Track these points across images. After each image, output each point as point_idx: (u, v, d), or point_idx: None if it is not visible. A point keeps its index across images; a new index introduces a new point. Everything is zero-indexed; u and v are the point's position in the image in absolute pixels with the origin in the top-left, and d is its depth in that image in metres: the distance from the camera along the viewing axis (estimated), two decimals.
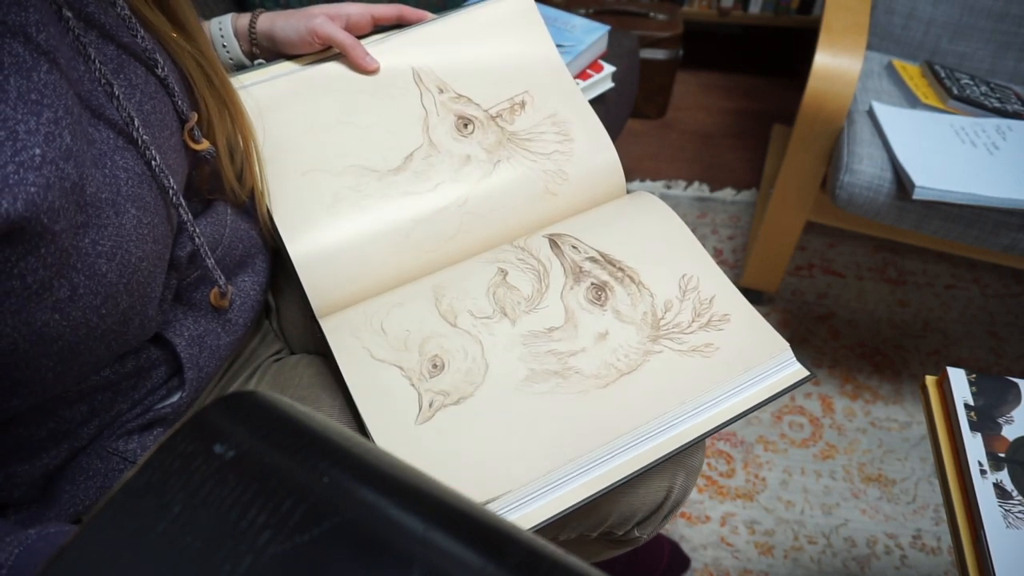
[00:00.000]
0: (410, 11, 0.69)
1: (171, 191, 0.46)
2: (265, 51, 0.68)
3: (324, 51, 0.68)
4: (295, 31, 0.65)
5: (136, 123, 0.44)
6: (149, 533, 0.19)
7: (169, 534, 0.19)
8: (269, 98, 0.65)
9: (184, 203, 0.48)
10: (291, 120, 0.64)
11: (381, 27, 0.70)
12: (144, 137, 0.44)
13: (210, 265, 0.52)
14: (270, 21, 0.67)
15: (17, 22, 0.37)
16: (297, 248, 0.59)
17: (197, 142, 0.52)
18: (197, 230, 0.50)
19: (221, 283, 0.54)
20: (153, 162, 0.45)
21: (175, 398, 0.55)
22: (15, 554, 0.38)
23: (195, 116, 0.52)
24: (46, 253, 0.37)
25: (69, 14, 0.40)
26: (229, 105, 0.55)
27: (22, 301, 0.37)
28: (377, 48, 0.68)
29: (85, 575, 0.18)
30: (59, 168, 0.37)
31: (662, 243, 0.63)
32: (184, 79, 0.52)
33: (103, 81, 0.42)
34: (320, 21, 0.65)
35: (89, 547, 0.19)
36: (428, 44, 0.70)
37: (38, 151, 0.36)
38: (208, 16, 0.69)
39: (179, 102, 0.50)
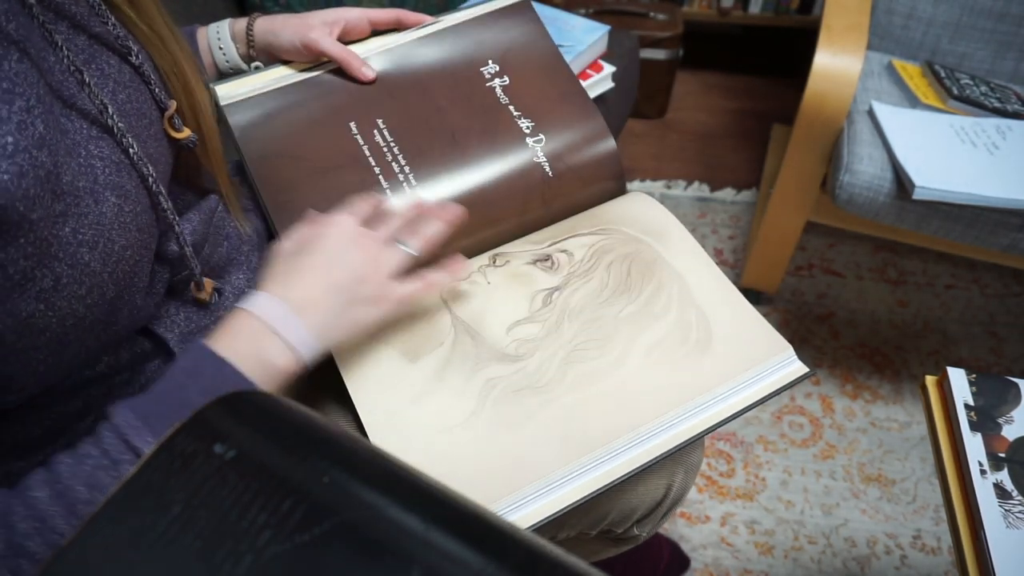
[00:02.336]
0: (408, 15, 0.69)
1: (151, 179, 0.46)
2: (261, 54, 0.68)
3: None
4: (289, 41, 0.65)
5: (110, 111, 0.44)
6: (149, 533, 0.19)
7: (169, 534, 0.19)
8: (267, 103, 0.65)
9: (164, 191, 0.48)
10: (290, 122, 0.65)
11: (379, 31, 0.70)
12: (120, 125, 0.44)
13: (188, 253, 0.52)
14: (267, 26, 0.67)
15: None
16: None
17: (178, 130, 0.52)
18: (177, 218, 0.50)
19: (196, 272, 0.53)
20: (131, 150, 0.45)
21: None
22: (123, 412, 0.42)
23: (174, 104, 0.51)
24: (26, 243, 0.37)
25: (32, 1, 0.40)
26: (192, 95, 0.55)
27: (5, 292, 0.37)
28: (377, 58, 0.68)
29: (85, 574, 0.18)
30: (32, 156, 0.37)
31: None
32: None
33: (73, 69, 0.42)
34: (314, 36, 0.64)
35: (89, 547, 0.19)
36: (429, 46, 0.70)
37: (10, 139, 0.36)
38: (210, 19, 0.69)
39: (156, 90, 0.50)
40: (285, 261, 0.51)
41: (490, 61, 0.70)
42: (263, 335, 0.46)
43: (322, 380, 0.62)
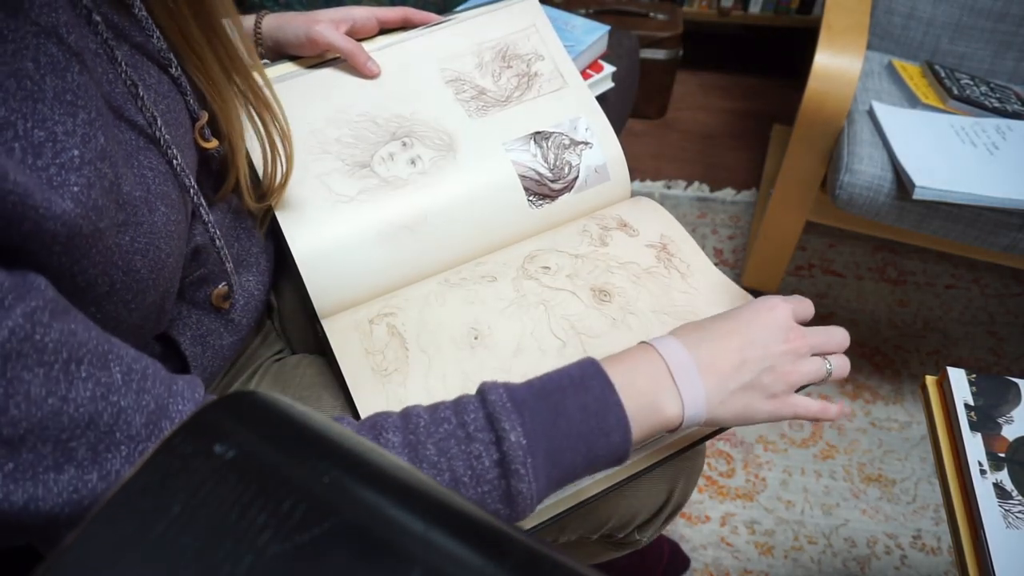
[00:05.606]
0: (415, 13, 0.70)
1: (192, 189, 0.47)
2: (269, 51, 0.69)
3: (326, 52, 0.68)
4: (294, 34, 0.66)
5: (159, 123, 0.44)
6: (149, 533, 0.19)
7: (169, 534, 0.19)
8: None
9: (204, 202, 0.48)
10: (295, 120, 0.64)
11: (386, 29, 0.70)
12: (166, 136, 0.45)
13: (229, 269, 0.53)
14: (275, 22, 0.67)
15: (49, 23, 0.38)
16: (300, 247, 0.59)
17: (207, 140, 0.52)
18: (219, 232, 0.50)
19: (233, 282, 0.54)
20: (175, 161, 0.45)
21: None
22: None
23: (205, 115, 0.52)
24: (95, 253, 0.38)
25: (98, 18, 0.41)
26: (254, 102, 0.54)
27: (66, 297, 0.37)
28: (383, 55, 0.68)
29: (85, 575, 0.18)
30: (97, 168, 0.37)
31: None
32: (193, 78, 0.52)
33: (129, 83, 0.43)
34: (319, 28, 0.65)
35: (89, 547, 0.19)
36: (436, 45, 0.70)
37: (76, 152, 0.36)
38: None
39: (191, 101, 0.51)
40: (708, 320, 0.50)
41: None
42: (663, 380, 0.45)
43: (320, 378, 0.62)
